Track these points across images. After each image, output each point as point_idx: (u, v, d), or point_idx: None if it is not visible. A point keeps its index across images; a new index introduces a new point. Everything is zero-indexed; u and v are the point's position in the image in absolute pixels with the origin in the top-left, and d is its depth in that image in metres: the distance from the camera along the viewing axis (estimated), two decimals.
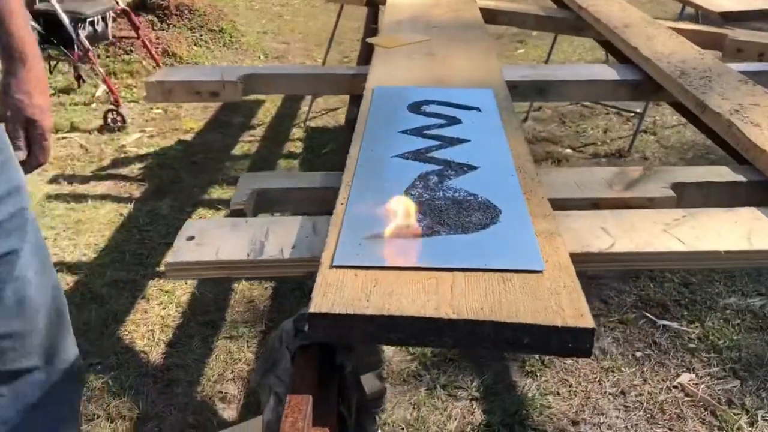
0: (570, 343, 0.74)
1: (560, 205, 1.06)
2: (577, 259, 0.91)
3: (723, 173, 1.18)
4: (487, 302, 0.78)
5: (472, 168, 1.11)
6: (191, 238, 1.03)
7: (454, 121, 1.31)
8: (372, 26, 2.32)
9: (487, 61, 1.69)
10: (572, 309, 0.76)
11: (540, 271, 0.84)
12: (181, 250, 1.00)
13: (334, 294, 0.80)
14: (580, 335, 0.74)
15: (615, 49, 2.14)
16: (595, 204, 1.09)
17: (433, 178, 1.07)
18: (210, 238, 1.03)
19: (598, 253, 0.95)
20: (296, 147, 4.25)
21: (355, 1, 2.58)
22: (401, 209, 0.95)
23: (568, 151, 4.01)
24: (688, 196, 1.13)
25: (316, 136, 4.37)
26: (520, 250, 0.88)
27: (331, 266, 0.85)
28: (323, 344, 0.85)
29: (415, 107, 1.38)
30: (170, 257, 0.98)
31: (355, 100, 1.81)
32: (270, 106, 4.85)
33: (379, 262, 0.85)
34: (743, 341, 2.48)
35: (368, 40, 1.85)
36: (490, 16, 2.30)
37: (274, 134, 4.43)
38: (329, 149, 4.09)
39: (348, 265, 0.85)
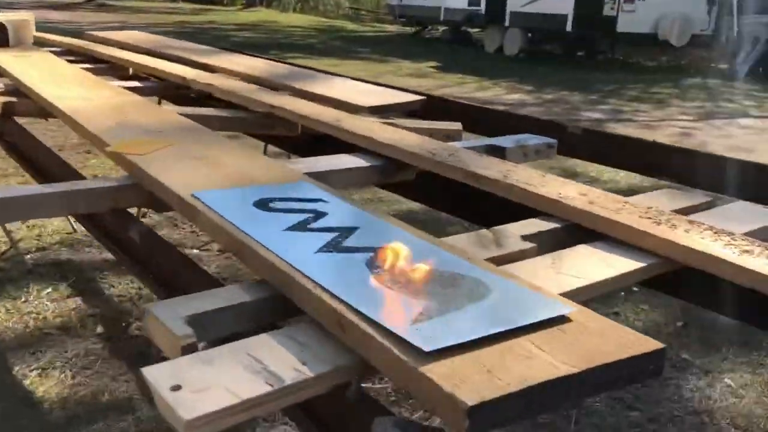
0: (651, 364, 0.87)
1: None
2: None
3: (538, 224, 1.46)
4: (576, 355, 0.86)
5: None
6: (177, 387, 0.83)
7: (317, 213, 1.31)
8: None
9: (260, 158, 1.69)
10: (635, 337, 0.90)
11: (564, 316, 0.95)
12: (186, 403, 0.81)
13: (469, 382, 0.78)
14: (657, 356, 0.88)
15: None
16: (494, 260, 1.24)
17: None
18: (200, 381, 0.85)
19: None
20: None
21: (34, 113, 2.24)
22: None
23: None
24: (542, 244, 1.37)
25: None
26: (534, 303, 0.97)
27: (426, 355, 0.82)
28: None
29: (264, 206, 1.33)
30: (182, 412, 0.78)
31: (122, 214, 1.61)
32: None
33: (461, 336, 0.86)
34: None
35: (111, 149, 1.66)
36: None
37: None
38: None
39: (439, 348, 0.83)
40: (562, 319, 0.95)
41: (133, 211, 2.63)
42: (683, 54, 14.89)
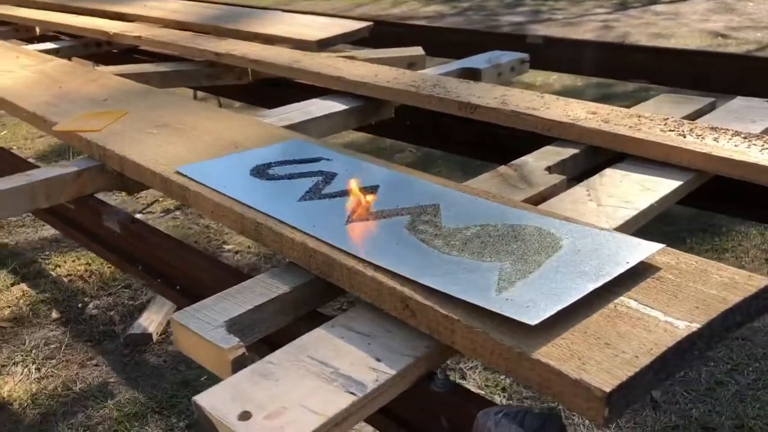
0: (761, 302, 0.79)
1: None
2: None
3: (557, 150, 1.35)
4: (690, 307, 0.77)
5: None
6: (246, 415, 0.70)
7: (325, 174, 1.16)
8: None
9: (231, 116, 1.52)
10: (740, 275, 0.81)
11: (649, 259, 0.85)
12: None
13: (592, 361, 0.68)
14: (765, 292, 0.80)
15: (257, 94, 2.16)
16: (530, 201, 1.14)
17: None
18: (270, 401, 0.72)
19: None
20: None
21: None
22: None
23: None
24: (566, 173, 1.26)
25: None
26: (616, 247, 0.87)
27: (533, 332, 0.71)
28: None
29: (262, 174, 1.17)
30: None
31: (89, 200, 1.42)
32: None
33: (561, 300, 0.76)
34: None
35: (59, 128, 1.45)
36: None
37: None
38: None
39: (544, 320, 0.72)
40: (649, 263, 0.85)
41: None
42: None
